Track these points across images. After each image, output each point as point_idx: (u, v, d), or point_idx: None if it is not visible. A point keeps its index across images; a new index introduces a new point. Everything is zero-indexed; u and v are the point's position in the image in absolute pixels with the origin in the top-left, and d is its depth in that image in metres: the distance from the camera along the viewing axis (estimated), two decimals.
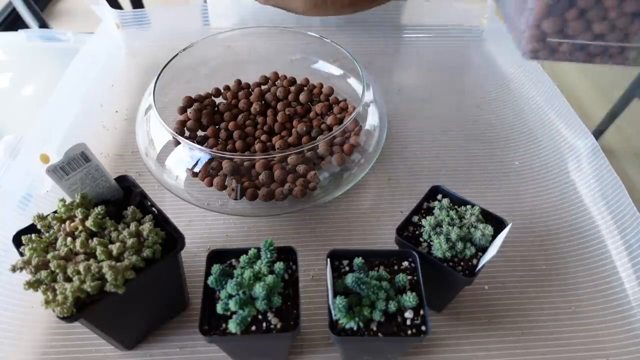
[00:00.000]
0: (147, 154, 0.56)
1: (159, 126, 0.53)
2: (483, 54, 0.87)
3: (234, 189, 0.52)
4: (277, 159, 0.54)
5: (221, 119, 0.62)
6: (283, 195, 0.52)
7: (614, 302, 0.51)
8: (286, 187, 0.52)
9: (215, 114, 0.63)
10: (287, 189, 0.52)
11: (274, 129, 0.62)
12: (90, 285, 0.37)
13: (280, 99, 0.64)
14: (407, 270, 0.43)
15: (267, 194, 0.52)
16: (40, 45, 0.84)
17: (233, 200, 0.53)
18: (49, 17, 1.56)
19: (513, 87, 0.79)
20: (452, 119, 0.73)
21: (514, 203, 0.61)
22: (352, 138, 0.56)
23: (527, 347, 0.48)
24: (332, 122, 0.61)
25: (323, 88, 0.66)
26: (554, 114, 0.72)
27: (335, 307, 0.38)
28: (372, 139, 0.58)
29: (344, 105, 0.63)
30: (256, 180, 0.54)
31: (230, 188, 0.53)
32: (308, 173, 0.53)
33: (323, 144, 0.54)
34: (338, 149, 0.55)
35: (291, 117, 0.62)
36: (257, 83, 0.67)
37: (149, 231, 0.41)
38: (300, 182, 0.53)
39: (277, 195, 0.53)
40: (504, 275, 0.53)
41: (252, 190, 0.53)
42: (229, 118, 0.62)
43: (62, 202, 0.42)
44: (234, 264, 0.43)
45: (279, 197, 0.53)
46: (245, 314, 0.38)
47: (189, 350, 0.47)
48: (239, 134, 0.60)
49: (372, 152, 0.57)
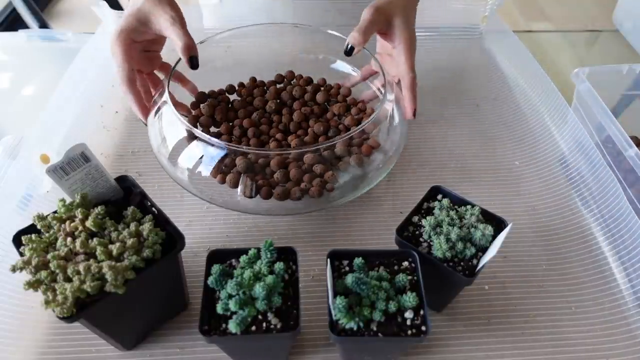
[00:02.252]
0: (159, 151, 0.54)
1: (173, 122, 0.51)
2: (483, 54, 0.87)
3: (248, 185, 0.51)
4: (292, 157, 0.52)
5: (235, 116, 0.60)
6: (299, 195, 0.51)
7: (613, 302, 0.51)
8: (302, 186, 0.51)
9: (229, 111, 0.61)
10: (304, 188, 0.51)
11: (289, 128, 0.60)
12: (90, 285, 0.37)
13: (297, 97, 0.62)
14: (407, 270, 0.43)
15: (283, 192, 0.51)
16: (40, 45, 0.84)
17: (247, 199, 0.51)
18: (49, 17, 1.56)
19: (513, 87, 0.79)
20: (452, 119, 0.73)
21: (514, 203, 0.61)
22: (371, 140, 0.55)
23: (527, 347, 0.48)
24: (350, 123, 0.59)
25: (341, 89, 0.64)
26: (553, 114, 0.72)
27: (335, 307, 0.38)
28: (393, 140, 0.56)
29: (362, 107, 0.61)
30: (270, 178, 0.52)
31: (244, 185, 0.51)
32: (325, 173, 0.52)
33: (341, 143, 0.52)
34: (356, 150, 0.54)
35: (307, 117, 0.61)
36: (272, 81, 0.65)
37: (149, 231, 0.41)
38: (317, 182, 0.51)
39: (293, 195, 0.51)
40: (504, 275, 0.53)
41: (267, 189, 0.51)
42: (243, 115, 0.60)
43: (62, 202, 0.42)
44: (234, 264, 0.43)
45: (294, 197, 0.51)
46: (245, 314, 0.38)
47: (189, 350, 0.47)
48: (253, 131, 0.58)
49: (392, 154, 0.55)
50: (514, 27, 0.90)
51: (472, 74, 0.82)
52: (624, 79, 0.73)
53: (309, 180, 0.52)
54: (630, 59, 1.01)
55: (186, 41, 0.52)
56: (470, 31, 0.90)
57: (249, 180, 0.51)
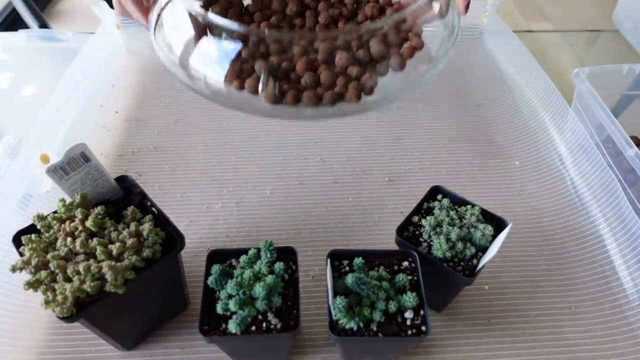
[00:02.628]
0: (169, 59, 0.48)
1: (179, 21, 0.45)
2: (483, 54, 0.87)
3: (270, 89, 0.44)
4: (321, 59, 0.45)
5: (251, 20, 0.53)
6: (333, 100, 0.44)
7: (613, 302, 0.51)
8: (336, 89, 0.44)
9: (244, 15, 0.53)
10: (338, 91, 0.44)
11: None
12: (90, 285, 0.37)
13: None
14: (407, 270, 0.43)
15: (314, 96, 0.44)
16: (40, 45, 0.84)
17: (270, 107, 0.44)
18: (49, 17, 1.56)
19: (513, 87, 0.79)
20: (452, 119, 0.73)
21: (514, 203, 0.61)
22: (414, 39, 0.47)
23: (526, 347, 0.48)
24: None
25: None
26: (553, 114, 0.72)
27: (335, 307, 0.38)
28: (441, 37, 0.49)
29: (399, 6, 0.52)
30: (298, 84, 0.45)
31: (267, 89, 0.44)
32: (362, 76, 0.45)
33: (375, 42, 0.45)
34: (396, 51, 0.47)
35: (335, 20, 0.52)
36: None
37: (149, 231, 0.41)
38: (354, 84, 0.44)
39: (326, 99, 0.44)
40: (504, 275, 0.53)
41: (295, 92, 0.44)
42: (260, 19, 0.52)
43: (62, 202, 0.42)
44: (234, 264, 0.43)
45: (328, 101, 0.44)
46: (245, 314, 0.38)
47: (189, 350, 0.47)
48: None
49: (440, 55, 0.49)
50: (514, 27, 0.90)
51: (472, 74, 0.82)
52: (624, 79, 0.73)
53: (344, 83, 0.45)
54: (630, 59, 1.01)
55: None
56: (470, 31, 0.90)
57: (271, 82, 0.44)
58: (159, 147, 0.66)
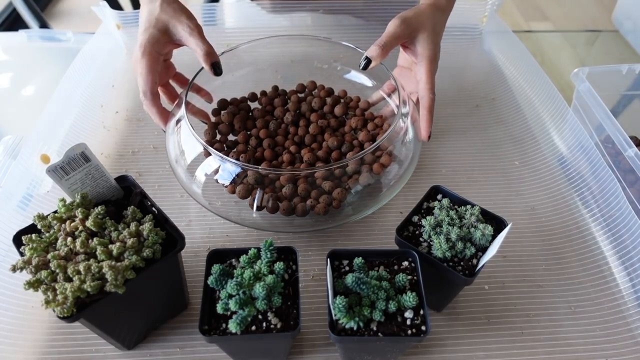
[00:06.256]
0: (177, 162, 0.54)
1: (190, 137, 0.51)
2: (483, 54, 0.87)
3: (257, 198, 0.51)
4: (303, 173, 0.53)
5: (254, 125, 0.61)
6: (304, 211, 0.51)
7: (613, 302, 0.51)
8: (309, 202, 0.51)
9: (249, 119, 0.62)
10: (309, 204, 0.51)
11: (304, 141, 0.60)
12: (90, 285, 0.37)
13: (315, 109, 0.63)
14: (407, 270, 0.43)
15: (288, 208, 0.51)
16: (40, 45, 0.84)
17: (254, 214, 0.52)
18: (49, 17, 1.56)
19: (513, 87, 0.79)
20: (452, 119, 0.73)
21: (514, 203, 0.61)
22: (384, 158, 0.54)
23: (526, 347, 0.48)
24: (364, 139, 0.59)
25: (360, 102, 0.64)
26: (553, 114, 0.72)
27: (335, 307, 0.38)
28: (404, 159, 0.55)
29: (379, 122, 0.61)
30: (279, 192, 0.52)
31: (251, 198, 0.52)
32: (334, 190, 0.51)
33: (353, 162, 0.52)
34: (367, 167, 0.53)
35: (323, 130, 0.61)
36: (294, 91, 0.66)
37: (149, 231, 0.41)
38: (324, 198, 0.51)
39: (298, 211, 0.51)
40: (504, 275, 0.53)
41: (274, 203, 0.51)
42: (261, 125, 0.61)
43: (62, 202, 0.42)
44: (234, 264, 0.43)
45: (299, 213, 0.51)
46: (245, 314, 0.38)
47: (189, 350, 0.47)
48: (268, 142, 0.59)
49: (403, 173, 0.54)
50: (514, 27, 0.90)
51: (472, 74, 0.82)
52: (624, 79, 0.73)
53: (316, 196, 0.51)
54: (630, 59, 1.01)
55: (206, 49, 0.53)
56: (470, 31, 0.90)
57: (257, 192, 0.52)
58: (159, 147, 0.67)
